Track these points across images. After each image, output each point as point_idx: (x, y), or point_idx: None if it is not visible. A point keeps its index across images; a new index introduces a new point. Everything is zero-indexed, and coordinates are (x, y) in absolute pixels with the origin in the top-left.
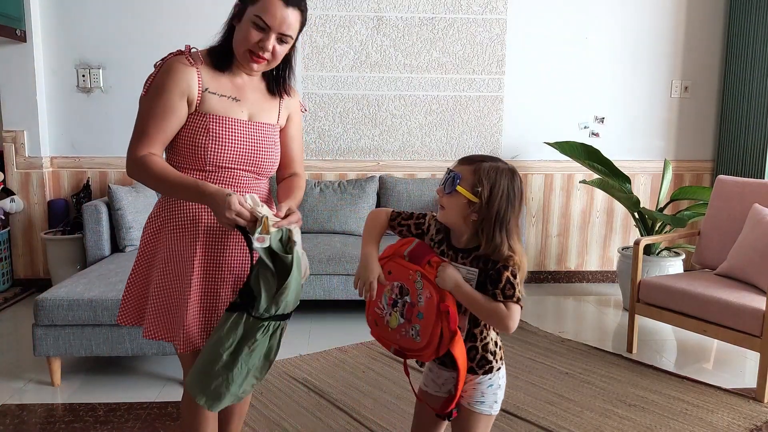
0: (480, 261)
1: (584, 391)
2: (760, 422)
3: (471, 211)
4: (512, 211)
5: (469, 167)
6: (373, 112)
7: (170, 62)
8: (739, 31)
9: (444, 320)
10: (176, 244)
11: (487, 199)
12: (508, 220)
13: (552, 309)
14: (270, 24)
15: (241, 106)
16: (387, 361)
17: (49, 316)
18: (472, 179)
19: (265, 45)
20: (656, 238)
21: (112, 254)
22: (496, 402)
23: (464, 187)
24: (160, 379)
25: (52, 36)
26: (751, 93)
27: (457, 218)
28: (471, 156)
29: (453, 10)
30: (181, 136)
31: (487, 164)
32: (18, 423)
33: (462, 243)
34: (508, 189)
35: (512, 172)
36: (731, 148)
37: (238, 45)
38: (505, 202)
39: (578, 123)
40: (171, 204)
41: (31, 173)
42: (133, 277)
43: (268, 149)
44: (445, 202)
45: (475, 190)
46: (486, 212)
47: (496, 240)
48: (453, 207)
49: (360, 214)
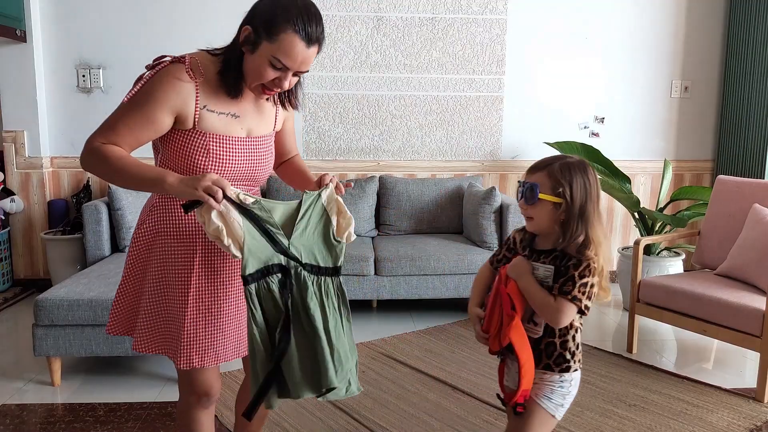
0: (558, 259)
1: (584, 391)
2: (760, 422)
3: (559, 213)
4: (590, 201)
5: (542, 173)
6: (373, 112)
7: (167, 72)
8: (739, 31)
9: (499, 302)
10: (171, 255)
11: (570, 197)
12: (588, 210)
13: None
14: (290, 66)
15: (240, 122)
16: (387, 361)
17: (49, 316)
18: (549, 183)
19: (281, 84)
20: (656, 238)
21: (112, 254)
22: (562, 406)
23: (546, 193)
24: (160, 379)
25: (52, 36)
26: (751, 93)
27: (548, 223)
28: (537, 163)
29: (453, 10)
30: (178, 153)
31: (557, 164)
32: (18, 423)
33: (548, 244)
34: (584, 180)
35: (583, 164)
36: (731, 148)
37: (251, 78)
38: (584, 194)
39: (578, 123)
40: (163, 212)
41: (31, 173)
42: (123, 286)
43: (264, 161)
44: (531, 213)
45: (557, 193)
46: (571, 209)
47: (576, 231)
48: (541, 215)
49: (360, 214)
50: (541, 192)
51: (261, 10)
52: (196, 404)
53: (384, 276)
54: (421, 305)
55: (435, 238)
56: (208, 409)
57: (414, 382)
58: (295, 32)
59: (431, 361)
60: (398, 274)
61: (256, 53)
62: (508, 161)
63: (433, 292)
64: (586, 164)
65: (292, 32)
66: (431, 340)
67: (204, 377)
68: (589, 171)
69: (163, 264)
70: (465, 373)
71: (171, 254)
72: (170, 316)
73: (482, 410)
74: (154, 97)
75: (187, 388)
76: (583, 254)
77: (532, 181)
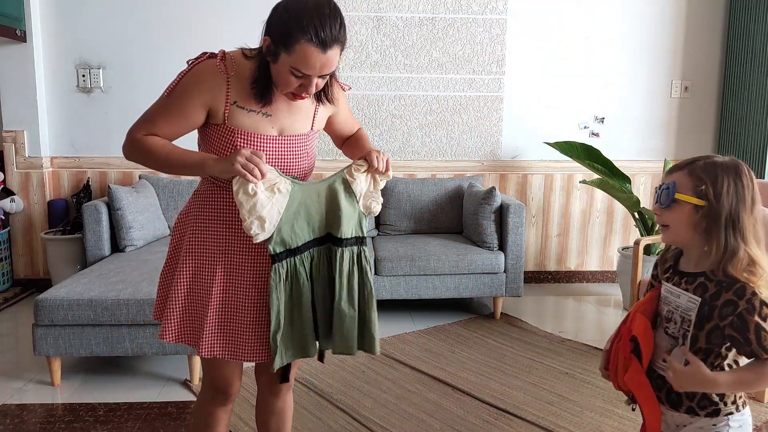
0: (703, 287)
1: (584, 391)
2: (760, 422)
3: (699, 218)
4: (744, 208)
5: (681, 172)
6: (373, 112)
7: (201, 67)
8: (739, 31)
9: (621, 340)
10: (204, 241)
11: (714, 197)
12: (741, 219)
13: (552, 309)
14: (310, 74)
15: (272, 121)
16: (387, 361)
17: (49, 316)
18: (689, 182)
19: (307, 90)
20: (656, 238)
21: (112, 254)
22: None
23: (684, 193)
24: (160, 379)
25: (52, 36)
26: (751, 93)
27: (685, 231)
28: (680, 162)
29: (453, 10)
30: (210, 148)
31: (701, 162)
32: (18, 423)
33: (691, 265)
34: (735, 182)
35: (736, 165)
36: (731, 148)
37: (278, 85)
38: (734, 197)
39: (578, 123)
40: (205, 198)
41: (31, 173)
42: (162, 276)
43: (299, 159)
44: (667, 219)
45: (698, 191)
46: (715, 212)
47: (729, 243)
48: (678, 221)
49: None
50: (678, 191)
51: (275, 19)
52: (212, 400)
53: (384, 276)
54: (421, 305)
55: (435, 238)
56: (225, 407)
57: (414, 382)
58: (308, 41)
59: (431, 361)
60: (398, 274)
61: (278, 63)
62: (508, 161)
63: (433, 292)
64: (740, 166)
65: (305, 42)
66: (431, 340)
67: (225, 373)
68: (744, 173)
69: (194, 249)
70: (465, 373)
71: (203, 240)
72: (197, 303)
73: (482, 410)
74: (186, 91)
75: (207, 382)
76: (747, 281)
77: (670, 180)
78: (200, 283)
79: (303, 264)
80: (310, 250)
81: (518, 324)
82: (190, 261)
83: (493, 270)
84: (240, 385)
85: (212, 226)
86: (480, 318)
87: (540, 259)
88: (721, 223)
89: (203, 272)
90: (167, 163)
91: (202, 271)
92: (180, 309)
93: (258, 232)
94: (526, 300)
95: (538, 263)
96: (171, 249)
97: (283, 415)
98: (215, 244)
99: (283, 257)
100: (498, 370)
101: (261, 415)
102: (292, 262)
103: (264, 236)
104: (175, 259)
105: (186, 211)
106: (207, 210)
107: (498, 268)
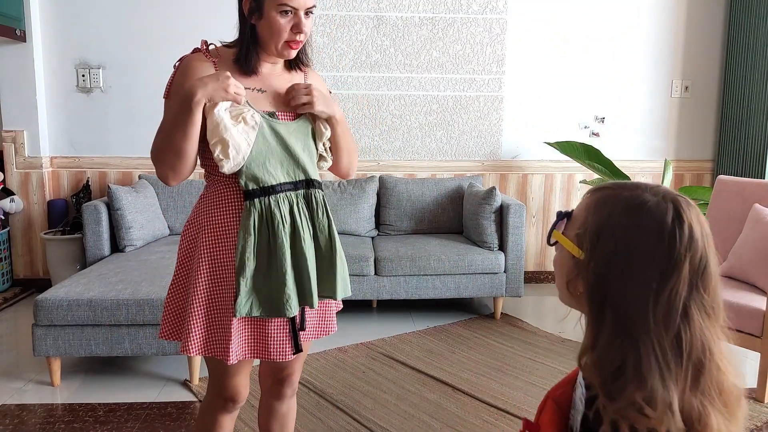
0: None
1: None
2: (760, 422)
3: (574, 277)
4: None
5: (585, 199)
6: (373, 111)
7: (187, 61)
8: (739, 31)
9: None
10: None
11: (588, 249)
12: (640, 314)
13: (552, 309)
14: (296, 6)
15: (267, 96)
16: (387, 361)
17: (49, 316)
18: (581, 218)
19: (300, 28)
20: None
21: (112, 254)
22: None
23: (569, 231)
24: (160, 379)
25: (52, 36)
26: (751, 93)
27: (562, 288)
28: (607, 182)
29: (453, 10)
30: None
31: (607, 191)
32: (18, 423)
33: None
34: (630, 233)
35: (663, 210)
36: (731, 148)
37: (272, 40)
38: (623, 262)
39: (578, 123)
40: (212, 206)
41: (30, 173)
42: (172, 285)
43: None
44: (554, 262)
45: (577, 235)
46: (588, 277)
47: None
48: (558, 268)
49: (360, 214)
50: (558, 229)
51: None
52: (220, 408)
53: (384, 276)
54: (421, 305)
55: (435, 238)
56: (232, 414)
57: (414, 382)
58: None
59: (431, 361)
60: (398, 274)
61: (264, 14)
62: (508, 161)
63: (433, 292)
64: (669, 211)
65: None
66: (431, 340)
67: (233, 383)
68: (677, 223)
69: (209, 256)
70: (465, 373)
71: (218, 246)
72: (218, 312)
73: (482, 410)
74: (181, 85)
75: (214, 391)
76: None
77: (572, 209)
78: (219, 290)
79: (279, 206)
80: (287, 192)
81: (518, 324)
82: (206, 269)
83: (493, 270)
84: (248, 392)
85: (226, 230)
86: (480, 318)
87: (540, 259)
88: (592, 294)
89: (221, 278)
90: (172, 131)
91: (220, 278)
92: (202, 320)
93: (221, 157)
94: (526, 300)
95: (538, 263)
96: (181, 259)
97: (286, 419)
98: (232, 249)
99: (256, 194)
100: (498, 370)
101: (263, 418)
102: (266, 201)
103: (228, 164)
104: (187, 269)
105: (194, 218)
106: (218, 215)
107: (498, 268)
